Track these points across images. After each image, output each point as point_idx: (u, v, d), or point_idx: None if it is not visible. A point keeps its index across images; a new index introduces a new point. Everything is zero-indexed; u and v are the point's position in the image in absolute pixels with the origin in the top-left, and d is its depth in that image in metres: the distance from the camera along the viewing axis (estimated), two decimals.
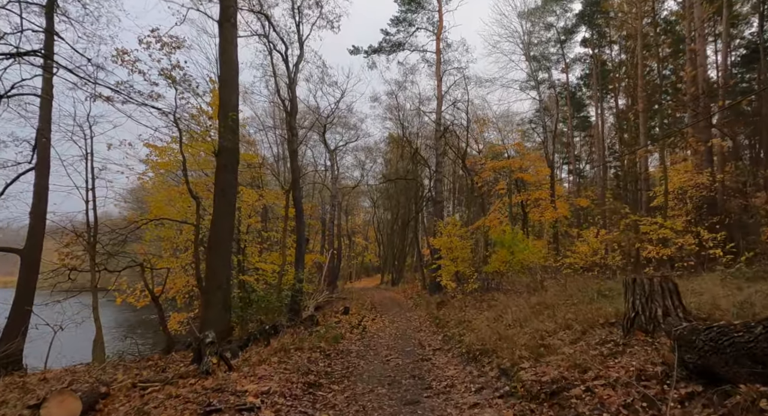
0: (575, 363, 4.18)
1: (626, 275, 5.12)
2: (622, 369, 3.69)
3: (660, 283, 4.51)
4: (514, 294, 11.44)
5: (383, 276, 39.56)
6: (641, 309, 4.53)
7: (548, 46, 32.87)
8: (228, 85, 9.24)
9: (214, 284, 8.71)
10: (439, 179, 20.49)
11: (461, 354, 6.94)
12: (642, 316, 4.50)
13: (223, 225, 8.94)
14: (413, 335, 10.04)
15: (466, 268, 16.64)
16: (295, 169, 13.96)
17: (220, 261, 8.82)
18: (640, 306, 4.54)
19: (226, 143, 9.08)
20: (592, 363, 4.03)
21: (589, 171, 40.24)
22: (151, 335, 17.92)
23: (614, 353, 4.25)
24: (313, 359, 7.03)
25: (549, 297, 9.14)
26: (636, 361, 3.84)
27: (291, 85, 14.22)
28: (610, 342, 4.68)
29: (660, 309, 4.39)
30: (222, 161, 9.07)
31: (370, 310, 16.18)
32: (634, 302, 4.61)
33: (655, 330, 4.32)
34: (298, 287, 13.16)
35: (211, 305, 8.63)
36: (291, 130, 14.06)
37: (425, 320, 12.77)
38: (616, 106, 32.69)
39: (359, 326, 11.86)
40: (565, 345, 5.18)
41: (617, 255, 15.17)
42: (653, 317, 4.41)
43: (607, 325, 5.60)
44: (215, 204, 9.07)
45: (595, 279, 11.68)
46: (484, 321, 8.76)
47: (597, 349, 4.56)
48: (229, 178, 9.08)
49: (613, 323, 5.59)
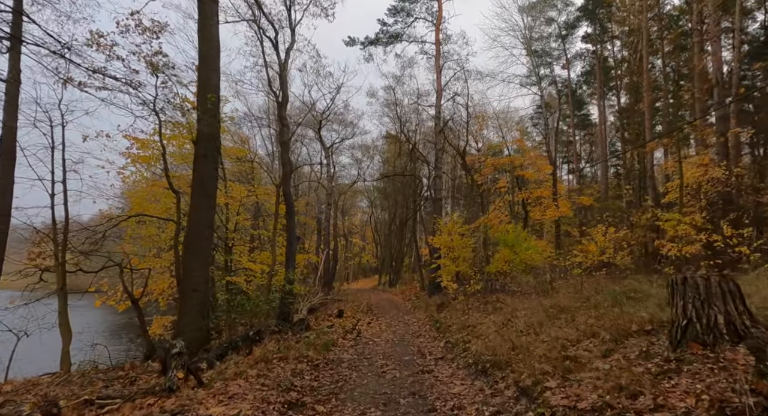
0: (618, 383, 3.31)
1: (674, 275, 4.24)
2: (689, 396, 2.82)
3: (719, 284, 3.64)
4: (522, 296, 10.58)
5: (381, 277, 38.69)
6: (695, 315, 3.66)
7: (549, 42, 32.13)
8: (207, 64, 8.35)
9: (190, 286, 7.82)
10: (438, 176, 19.63)
11: (468, 364, 6.06)
12: (697, 324, 3.63)
13: (201, 221, 8.04)
14: (412, 341, 9.16)
15: (468, 268, 15.79)
16: (286, 162, 13.06)
17: (198, 260, 7.92)
18: (693, 312, 3.67)
19: (205, 128, 8.19)
20: (642, 385, 3.16)
21: (589, 170, 39.56)
22: (139, 339, 16.96)
23: (666, 371, 3.38)
24: (298, 371, 6.14)
25: (562, 299, 8.28)
26: (702, 385, 2.97)
27: (282, 72, 13.33)
28: (655, 356, 3.81)
29: (721, 316, 3.53)
30: (200, 149, 8.17)
31: (366, 313, 15.29)
32: (685, 307, 3.74)
33: (716, 342, 3.46)
34: (288, 289, 12.24)
35: (187, 309, 7.73)
36: (282, 121, 13.16)
37: (425, 323, 11.89)
38: (618, 104, 31.98)
39: (353, 330, 10.97)
40: (595, 358, 4.31)
41: (626, 254, 14.36)
42: (712, 325, 3.55)
43: (642, 334, 4.73)
44: (193, 197, 8.17)
45: (609, 279, 10.83)
46: (491, 326, 7.89)
47: (641, 365, 3.68)
48: (208, 168, 8.19)
49: (649, 331, 4.73)
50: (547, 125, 30.09)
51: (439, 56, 20.16)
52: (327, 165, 29.05)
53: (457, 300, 13.40)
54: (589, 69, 33.49)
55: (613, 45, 31.27)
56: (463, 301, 13.04)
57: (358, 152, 36.98)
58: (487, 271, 14.25)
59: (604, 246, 15.56)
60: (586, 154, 39.85)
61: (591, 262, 14.75)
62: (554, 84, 31.61)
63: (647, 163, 22.56)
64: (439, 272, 15.72)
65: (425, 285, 21.74)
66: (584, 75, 34.16)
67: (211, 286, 14.56)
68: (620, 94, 30.97)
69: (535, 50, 29.84)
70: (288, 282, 12.38)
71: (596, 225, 16.53)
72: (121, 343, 17.30)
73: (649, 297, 6.27)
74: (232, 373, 5.91)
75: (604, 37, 30.94)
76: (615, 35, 30.57)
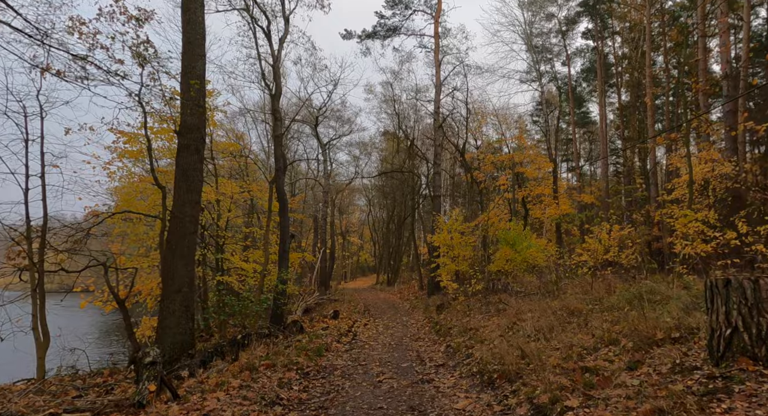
0: (657, 406, 2.78)
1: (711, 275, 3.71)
2: None
3: None
4: (526, 296, 10.07)
5: (378, 276, 38.18)
6: (741, 323, 3.14)
7: (549, 37, 31.67)
8: (192, 50, 7.79)
9: (172, 287, 7.26)
10: (437, 172, 19.09)
11: (471, 373, 5.53)
12: (745, 334, 3.11)
13: (184, 217, 7.49)
14: (410, 345, 8.63)
15: (468, 268, 15.27)
16: (279, 156, 12.51)
17: (182, 259, 7.37)
18: (739, 320, 3.15)
19: (189, 118, 7.63)
20: (688, 410, 2.63)
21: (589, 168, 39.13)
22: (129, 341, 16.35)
23: (712, 391, 2.86)
24: (285, 381, 5.60)
25: (571, 300, 7.76)
26: (764, 411, 2.45)
27: (275, 64, 12.76)
28: (693, 372, 3.29)
29: None
30: (184, 140, 7.61)
31: (363, 314, 14.76)
32: (729, 313, 3.22)
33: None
34: (281, 289, 11.71)
35: (169, 311, 7.17)
36: (275, 114, 12.60)
37: (424, 325, 11.38)
38: (619, 101, 31.56)
39: (349, 333, 10.45)
40: (620, 370, 3.79)
41: (631, 253, 13.88)
42: (764, 336, 3.03)
43: (669, 342, 4.22)
44: (175, 191, 7.61)
45: (617, 279, 10.32)
46: (495, 329, 7.37)
47: (678, 382, 3.16)
48: (192, 160, 7.63)
49: (677, 339, 4.21)
50: (548, 122, 29.66)
51: (438, 50, 19.62)
52: (324, 162, 28.48)
53: (457, 301, 12.89)
54: (589, 66, 33.09)
55: (613, 41, 30.83)
56: (463, 302, 12.54)
57: (356, 149, 36.46)
58: (489, 270, 13.74)
59: (608, 245, 15.11)
60: (585, 153, 39.45)
61: (595, 261, 14.28)
62: (555, 80, 31.14)
63: (650, 160, 22.06)
64: (439, 271, 15.21)
65: (424, 284, 21.24)
66: (584, 72, 33.72)
67: (201, 286, 14.04)
68: (620, 92, 30.57)
69: (536, 46, 29.37)
70: (281, 282, 11.85)
71: (600, 223, 16.07)
72: (111, 345, 16.72)
73: (668, 299, 5.76)
74: (212, 384, 5.38)
75: (604, 33, 30.51)
76: (616, 31, 30.12)
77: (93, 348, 13.95)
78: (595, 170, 39.00)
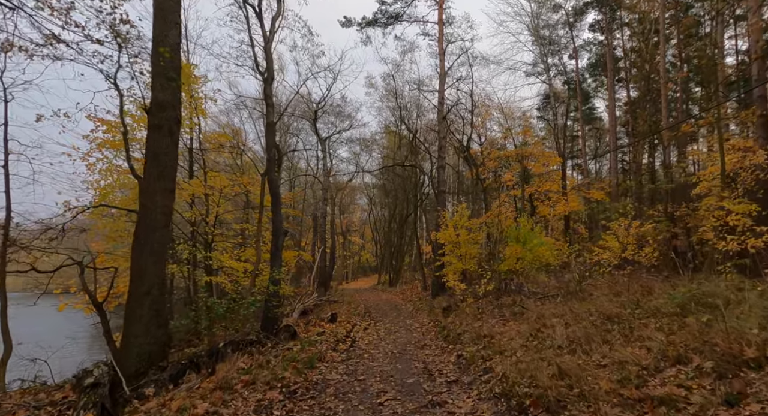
0: None
1: None
2: None
3: None
4: (544, 298, 9.02)
5: (380, 276, 37.14)
6: None
7: (556, 29, 30.62)
8: (164, 17, 6.77)
9: (141, 288, 6.24)
10: (441, 166, 18.02)
11: (493, 395, 4.48)
12: None
13: (155, 207, 6.47)
14: (416, 353, 7.59)
15: (475, 266, 14.22)
16: (272, 145, 11.47)
17: (151, 256, 6.35)
18: None
19: (160, 94, 6.60)
20: None
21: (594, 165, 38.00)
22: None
23: None
24: (265, 403, 4.57)
25: (602, 303, 6.71)
26: None
27: (266, 46, 11.73)
28: None
29: None
30: (154, 119, 6.59)
31: (363, 316, 13.72)
32: None
33: None
34: (272, 290, 10.67)
35: (136, 318, 6.15)
36: (267, 100, 11.57)
37: (429, 330, 10.33)
38: (628, 95, 30.52)
39: (347, 339, 9.42)
40: (712, 405, 2.74)
41: (651, 250, 12.83)
42: None
43: (765, 361, 3.17)
44: (145, 175, 6.59)
45: (647, 279, 9.27)
46: (515, 337, 6.32)
47: None
48: (165, 143, 6.61)
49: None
50: (556, 115, 28.60)
51: (442, 37, 18.56)
52: (323, 158, 27.44)
53: (465, 303, 11.82)
54: (595, 60, 32.15)
55: (622, 33, 29.79)
56: (472, 304, 11.48)
57: (357, 146, 35.34)
58: (499, 269, 12.68)
59: (626, 242, 14.09)
60: (590, 150, 38.42)
61: (614, 259, 13.26)
62: (564, 73, 30.10)
63: (666, 154, 20.96)
64: (444, 271, 14.16)
65: (427, 284, 20.19)
66: (591, 66, 32.76)
67: (191, 288, 13.00)
68: (629, 87, 29.56)
69: (543, 37, 28.32)
70: (272, 282, 10.81)
71: (618, 218, 15.03)
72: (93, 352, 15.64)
73: (735, 303, 4.69)
74: (174, 409, 4.35)
75: (613, 25, 29.51)
76: (625, 23, 29.10)
77: (81, 354, 12.94)
78: (600, 168, 37.99)
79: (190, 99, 12.95)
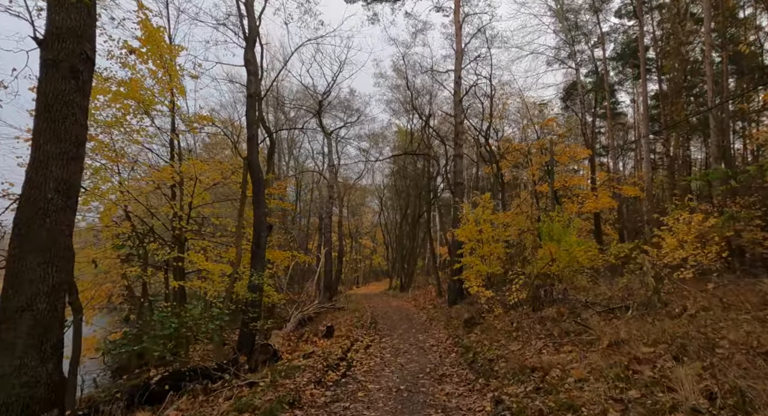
0: None
1: None
2: None
3: None
4: (608, 311, 6.65)
5: (391, 280, 34.86)
6: None
7: (581, 14, 28.14)
8: None
9: (14, 302, 4.14)
10: (459, 155, 15.73)
11: None
12: None
13: (47, 180, 4.39)
14: (431, 391, 5.33)
15: (501, 269, 11.90)
16: (252, 121, 9.39)
17: (36, 253, 4.27)
18: None
19: (59, 17, 4.56)
20: None
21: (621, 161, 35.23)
22: None
23: None
24: None
25: (710, 323, 4.35)
26: None
27: None
28: None
29: None
30: (50, 53, 4.54)
31: (368, 329, 11.47)
32: None
33: None
34: (251, 299, 8.55)
35: (4, 346, 4.04)
36: (248, 66, 9.51)
37: (448, 350, 8.05)
38: (660, 86, 27.82)
39: (341, 363, 7.19)
40: None
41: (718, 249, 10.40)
42: None
43: None
44: (33, 138, 4.52)
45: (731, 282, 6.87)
46: (589, 378, 4.01)
47: None
48: (65, 88, 4.55)
49: None
50: (583, 104, 26.13)
51: (459, 9, 16.36)
52: (329, 154, 25.35)
53: (492, 315, 9.50)
54: (621, 50, 29.72)
55: (652, 18, 27.21)
56: (501, 316, 9.15)
57: (365, 142, 33.18)
58: (531, 273, 10.33)
59: (684, 240, 11.68)
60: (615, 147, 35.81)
61: (672, 260, 10.86)
62: (592, 61, 27.66)
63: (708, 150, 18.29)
64: (465, 274, 11.85)
65: (443, 290, 17.84)
66: (615, 58, 30.35)
67: (179, 294, 10.81)
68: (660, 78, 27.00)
69: (567, 17, 25.92)
70: (251, 288, 8.67)
71: (674, 211, 12.55)
72: None
73: None
74: None
75: (643, 7, 26.95)
76: (656, 6, 26.58)
77: None
78: (625, 164, 35.33)
79: (164, 73, 10.98)
